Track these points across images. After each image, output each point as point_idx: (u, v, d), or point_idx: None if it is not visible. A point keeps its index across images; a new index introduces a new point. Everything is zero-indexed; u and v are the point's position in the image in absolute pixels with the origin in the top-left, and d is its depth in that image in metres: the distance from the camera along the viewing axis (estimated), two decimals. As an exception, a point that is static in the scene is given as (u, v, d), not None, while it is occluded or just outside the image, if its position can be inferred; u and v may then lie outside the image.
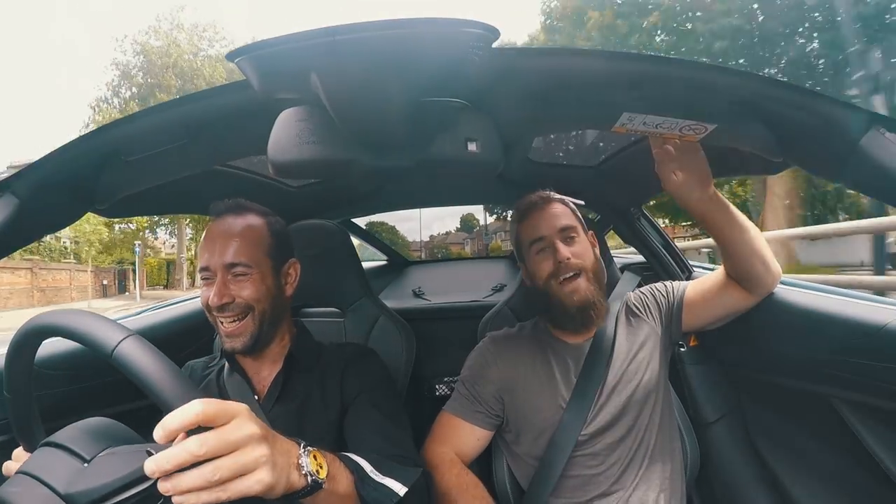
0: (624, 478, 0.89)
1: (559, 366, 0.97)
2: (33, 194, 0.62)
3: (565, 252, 0.93)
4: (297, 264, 0.91)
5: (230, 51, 0.43)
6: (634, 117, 0.60)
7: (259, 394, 0.85)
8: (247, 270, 0.80)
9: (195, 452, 0.40)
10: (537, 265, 0.97)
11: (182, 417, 0.40)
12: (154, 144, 0.66)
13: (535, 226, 0.97)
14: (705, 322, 0.98)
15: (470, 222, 22.17)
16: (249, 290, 0.80)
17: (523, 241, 1.00)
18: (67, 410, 0.91)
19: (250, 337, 0.81)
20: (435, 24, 0.41)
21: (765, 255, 0.87)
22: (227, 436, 0.42)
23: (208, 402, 0.42)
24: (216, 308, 0.79)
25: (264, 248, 0.84)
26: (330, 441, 0.80)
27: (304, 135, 0.60)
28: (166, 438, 0.40)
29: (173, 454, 0.40)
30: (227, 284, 0.79)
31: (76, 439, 0.52)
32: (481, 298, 1.76)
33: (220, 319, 0.81)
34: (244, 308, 0.80)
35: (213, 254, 0.80)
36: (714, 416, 1.12)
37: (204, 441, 0.40)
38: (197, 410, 0.41)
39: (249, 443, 0.43)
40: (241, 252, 0.80)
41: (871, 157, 0.51)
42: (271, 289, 0.83)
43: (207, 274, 0.81)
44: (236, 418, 0.43)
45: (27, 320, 0.53)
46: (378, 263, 2.27)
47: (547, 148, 1.23)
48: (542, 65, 0.55)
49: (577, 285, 0.93)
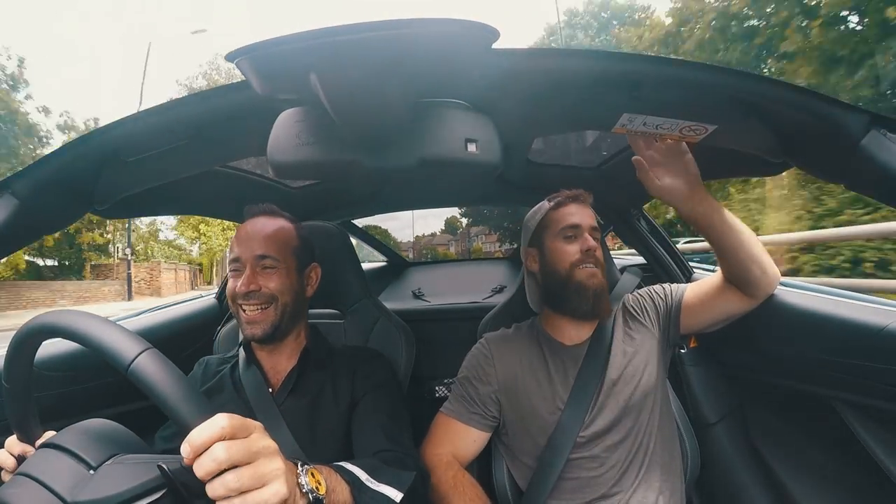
0: (623, 480, 0.89)
1: (556, 367, 0.97)
2: (33, 195, 0.62)
3: (594, 244, 0.96)
4: (318, 269, 0.97)
5: (229, 51, 0.43)
6: (634, 118, 0.60)
7: (273, 387, 0.89)
8: (275, 264, 0.86)
9: (220, 458, 0.41)
10: (564, 248, 0.98)
11: (208, 432, 0.42)
12: (154, 145, 0.66)
13: (572, 214, 0.99)
14: (704, 325, 0.98)
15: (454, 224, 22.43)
16: (275, 281, 0.86)
17: (554, 225, 1.00)
18: (67, 411, 0.91)
19: (271, 325, 0.85)
20: (434, 25, 0.41)
21: (761, 258, 0.87)
22: (249, 446, 0.44)
23: (231, 418, 0.43)
24: (242, 296, 0.84)
25: (291, 248, 0.90)
26: (339, 435, 0.84)
27: (304, 135, 0.60)
28: (194, 454, 0.41)
29: (202, 466, 0.41)
30: (255, 275, 0.85)
31: (80, 443, 0.51)
32: (481, 300, 1.76)
33: (243, 307, 0.85)
34: (268, 298, 0.85)
35: (244, 246, 0.86)
36: (714, 417, 1.12)
37: (228, 447, 0.42)
38: (222, 425, 0.42)
39: (267, 455, 0.45)
40: (271, 246, 0.86)
41: (872, 158, 0.51)
42: (294, 285, 0.89)
43: (237, 265, 0.87)
44: (255, 432, 0.45)
45: (39, 315, 0.52)
46: (378, 265, 2.27)
47: (547, 149, 1.23)
48: (541, 66, 0.55)
49: (595, 272, 0.95)
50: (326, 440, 0.83)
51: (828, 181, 0.63)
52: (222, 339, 1.26)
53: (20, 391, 0.56)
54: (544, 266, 1.01)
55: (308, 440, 0.82)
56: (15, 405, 0.57)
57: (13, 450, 0.59)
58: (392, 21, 0.40)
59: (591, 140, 1.20)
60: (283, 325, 0.87)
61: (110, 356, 0.45)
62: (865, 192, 0.58)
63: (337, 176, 0.83)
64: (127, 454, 0.52)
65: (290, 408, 0.85)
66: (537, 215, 1.05)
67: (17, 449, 0.59)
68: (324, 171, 0.67)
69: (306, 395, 0.87)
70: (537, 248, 1.03)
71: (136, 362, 0.44)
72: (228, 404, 0.87)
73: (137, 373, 0.44)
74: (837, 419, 0.87)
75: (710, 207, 0.81)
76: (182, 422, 0.43)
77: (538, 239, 1.03)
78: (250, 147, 0.75)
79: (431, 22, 0.40)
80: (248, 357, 0.91)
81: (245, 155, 0.83)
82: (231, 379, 0.91)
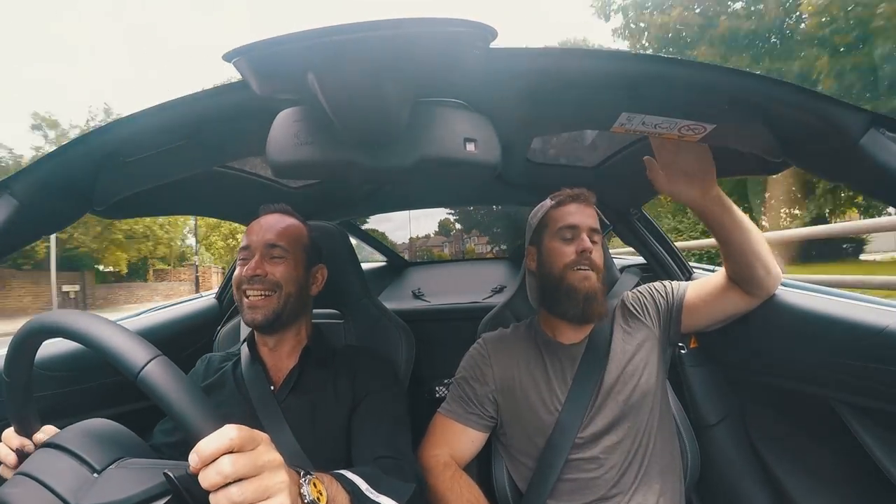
0: (623, 482, 0.89)
1: (554, 366, 0.97)
2: (32, 195, 0.62)
3: (590, 246, 0.95)
4: (324, 270, 0.99)
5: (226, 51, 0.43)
6: (633, 117, 0.60)
7: (275, 384, 0.89)
8: (284, 254, 0.88)
9: (226, 472, 0.41)
10: (560, 248, 0.97)
11: (217, 443, 0.42)
12: (153, 145, 0.66)
13: (571, 213, 0.98)
14: (705, 324, 0.98)
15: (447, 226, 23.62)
16: (282, 270, 0.87)
17: (552, 224, 0.99)
18: (67, 411, 0.91)
19: (272, 312, 0.86)
20: (432, 24, 0.41)
21: (766, 258, 0.87)
22: (255, 459, 0.44)
23: (240, 429, 0.44)
24: (248, 279, 0.85)
25: (302, 244, 0.93)
26: (339, 433, 0.84)
27: (302, 135, 0.60)
28: (202, 463, 0.42)
29: (207, 478, 0.41)
30: (264, 261, 0.87)
31: (83, 444, 0.51)
32: (481, 300, 1.76)
33: (247, 292, 0.86)
34: (273, 285, 0.86)
35: (256, 235, 0.89)
36: (715, 418, 1.12)
37: (234, 461, 0.42)
38: (231, 436, 0.43)
39: (272, 468, 0.45)
40: (282, 237, 0.89)
41: (871, 157, 0.51)
42: (300, 278, 0.90)
43: (246, 254, 0.88)
44: (261, 444, 0.46)
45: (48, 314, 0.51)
46: (377, 264, 2.27)
47: (546, 148, 1.22)
48: (540, 65, 0.55)
49: (588, 274, 0.94)
50: (326, 438, 0.83)
51: (827, 180, 0.63)
52: (222, 339, 1.26)
53: (20, 384, 0.56)
54: (541, 266, 1.01)
55: (308, 438, 0.82)
56: (14, 396, 0.57)
57: (11, 443, 0.59)
58: (390, 20, 0.40)
59: (590, 139, 1.20)
60: (285, 316, 0.88)
61: (119, 362, 0.45)
62: (864, 191, 0.58)
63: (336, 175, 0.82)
64: (131, 458, 0.52)
65: (290, 405, 0.86)
66: (539, 213, 1.04)
67: (14, 442, 0.58)
68: (323, 170, 0.66)
69: (307, 393, 0.87)
70: (536, 247, 1.03)
71: (146, 370, 0.44)
72: (230, 401, 0.88)
73: (147, 380, 0.44)
74: (838, 420, 0.87)
75: (721, 205, 0.81)
76: (191, 431, 0.43)
77: (538, 237, 1.03)
78: (249, 147, 0.75)
79: (430, 21, 0.40)
80: (252, 354, 0.92)
81: (244, 155, 0.83)
82: (233, 376, 0.91)
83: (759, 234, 0.86)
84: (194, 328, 1.33)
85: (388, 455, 0.77)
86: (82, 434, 0.53)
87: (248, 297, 0.86)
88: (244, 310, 0.87)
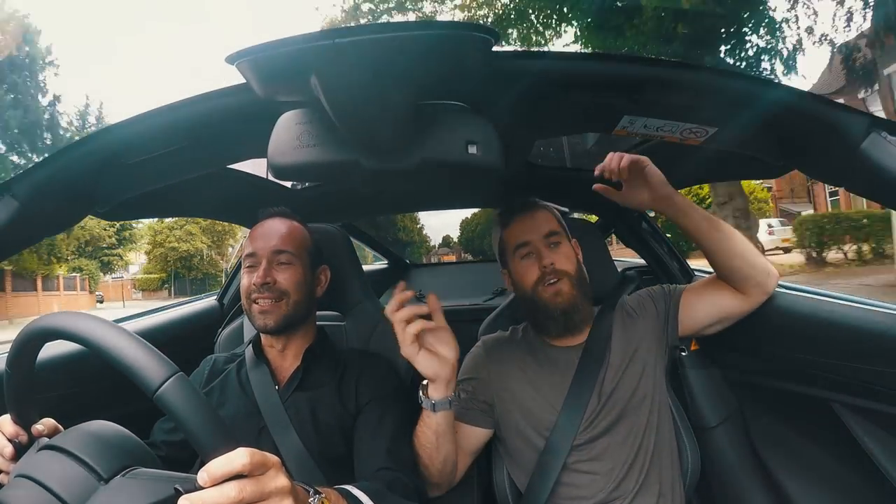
0: (623, 484, 0.88)
1: (551, 370, 0.97)
2: (33, 197, 0.62)
3: (549, 257, 0.93)
4: (327, 270, 1.00)
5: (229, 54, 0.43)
6: (635, 120, 0.60)
7: (279, 384, 0.90)
8: (291, 259, 0.89)
9: (232, 498, 0.41)
10: (523, 271, 0.96)
11: (229, 465, 0.42)
12: (154, 147, 0.66)
13: (520, 231, 0.97)
14: (702, 325, 0.98)
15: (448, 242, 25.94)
16: (290, 276, 0.88)
17: (508, 246, 0.99)
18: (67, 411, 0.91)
19: (282, 317, 0.87)
20: (434, 27, 0.41)
21: (751, 257, 0.89)
22: (263, 486, 0.44)
23: (252, 454, 0.43)
24: (258, 288, 0.86)
25: (306, 247, 0.94)
26: (342, 432, 0.85)
27: (305, 137, 0.60)
28: (211, 483, 0.42)
29: (211, 498, 0.41)
30: (271, 268, 0.87)
31: (88, 450, 0.50)
32: (482, 302, 1.76)
33: (257, 300, 0.87)
34: (281, 292, 0.87)
35: (261, 242, 0.89)
36: (715, 420, 1.11)
37: (242, 488, 0.42)
38: (243, 461, 0.42)
39: (280, 495, 0.45)
40: (288, 243, 0.90)
41: (872, 161, 0.51)
42: (306, 283, 0.92)
43: (252, 261, 0.89)
44: (271, 469, 0.45)
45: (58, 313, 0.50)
46: (379, 266, 2.27)
47: (547, 151, 1.23)
48: (542, 68, 0.55)
49: (559, 288, 0.93)
50: (330, 437, 0.84)
51: (828, 183, 0.63)
52: (224, 341, 1.26)
53: (22, 374, 0.55)
54: (515, 287, 1.01)
55: (312, 436, 0.84)
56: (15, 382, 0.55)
57: (5, 429, 0.58)
58: (392, 24, 0.40)
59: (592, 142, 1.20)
60: (293, 321, 0.90)
61: (138, 377, 0.45)
62: (865, 194, 0.58)
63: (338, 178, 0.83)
64: (139, 467, 0.51)
65: (294, 403, 0.87)
66: (497, 237, 1.04)
67: (9, 429, 0.57)
68: (325, 172, 0.67)
69: (311, 391, 0.88)
70: (507, 269, 1.03)
71: (164, 388, 0.44)
72: (234, 401, 0.88)
73: (165, 398, 0.44)
74: (839, 422, 0.87)
75: (676, 211, 0.89)
76: (204, 450, 0.43)
77: (504, 260, 1.03)
78: (251, 149, 0.76)
79: (431, 24, 0.41)
80: (257, 355, 0.93)
81: (246, 157, 0.83)
82: (237, 377, 0.92)
83: (732, 232, 0.90)
84: (195, 330, 1.33)
85: (389, 467, 0.78)
86: (87, 438, 0.52)
87: (257, 304, 0.87)
88: (255, 316, 0.87)
